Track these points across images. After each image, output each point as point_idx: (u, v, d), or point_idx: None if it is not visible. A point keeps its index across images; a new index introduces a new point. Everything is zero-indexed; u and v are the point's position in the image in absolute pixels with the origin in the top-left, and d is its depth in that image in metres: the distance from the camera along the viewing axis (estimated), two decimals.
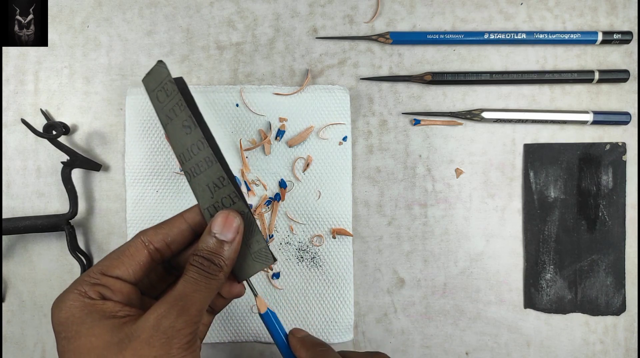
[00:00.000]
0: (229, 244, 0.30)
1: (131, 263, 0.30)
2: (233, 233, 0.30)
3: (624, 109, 0.43)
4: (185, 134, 0.32)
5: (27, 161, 0.42)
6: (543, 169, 0.42)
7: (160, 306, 0.27)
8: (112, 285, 0.29)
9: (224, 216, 0.30)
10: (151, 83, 0.34)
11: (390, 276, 0.42)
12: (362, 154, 0.43)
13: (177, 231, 0.32)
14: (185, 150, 0.32)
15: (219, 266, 0.29)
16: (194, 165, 0.32)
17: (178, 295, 0.28)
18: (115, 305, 0.28)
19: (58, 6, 0.43)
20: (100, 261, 0.30)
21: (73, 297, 0.28)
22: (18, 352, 0.42)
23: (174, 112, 0.32)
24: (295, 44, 0.43)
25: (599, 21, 0.43)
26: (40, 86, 0.43)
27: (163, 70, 0.33)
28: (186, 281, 0.29)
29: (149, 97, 0.34)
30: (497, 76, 0.42)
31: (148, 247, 0.30)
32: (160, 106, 0.33)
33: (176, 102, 0.32)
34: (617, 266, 0.42)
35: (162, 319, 0.27)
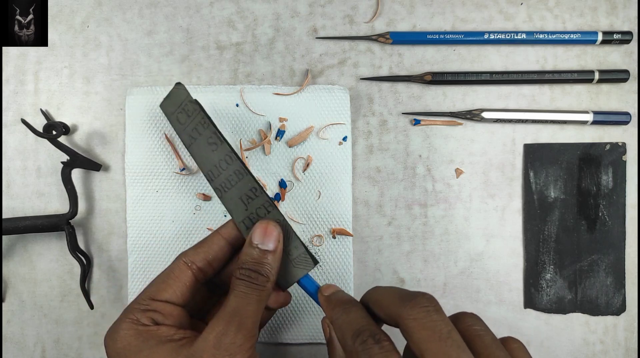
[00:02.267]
0: (272, 253, 0.30)
1: (178, 285, 0.30)
2: (274, 242, 0.30)
3: (624, 109, 0.43)
4: (211, 151, 0.32)
5: (27, 161, 0.43)
6: (543, 169, 0.42)
7: (218, 325, 0.27)
8: (162, 309, 0.29)
9: (263, 227, 0.30)
10: (170, 106, 0.34)
11: (390, 276, 0.42)
12: (362, 154, 0.43)
13: (217, 248, 0.32)
14: (214, 167, 0.32)
15: (266, 276, 0.29)
16: (224, 180, 0.32)
17: (232, 311, 0.28)
18: (170, 329, 0.28)
19: (58, 6, 0.43)
20: (147, 288, 0.30)
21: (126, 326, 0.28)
22: (18, 352, 0.42)
23: (197, 132, 0.33)
24: (295, 44, 0.43)
25: (599, 21, 0.43)
26: (40, 86, 0.43)
27: (182, 92, 0.33)
28: (236, 296, 0.28)
29: (169, 120, 0.34)
30: (497, 76, 0.42)
31: (191, 267, 0.31)
32: (182, 128, 0.33)
33: (199, 121, 0.32)
34: (617, 266, 0.42)
35: (222, 337, 0.27)
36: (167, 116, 0.34)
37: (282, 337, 0.42)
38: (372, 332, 0.25)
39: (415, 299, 0.24)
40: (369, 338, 0.25)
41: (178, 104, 0.33)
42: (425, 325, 0.23)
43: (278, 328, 0.42)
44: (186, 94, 0.33)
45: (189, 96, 0.33)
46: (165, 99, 0.34)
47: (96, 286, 0.43)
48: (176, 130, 0.34)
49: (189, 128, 0.33)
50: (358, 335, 0.25)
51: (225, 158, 0.32)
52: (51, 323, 0.42)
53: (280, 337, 0.42)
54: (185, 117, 0.33)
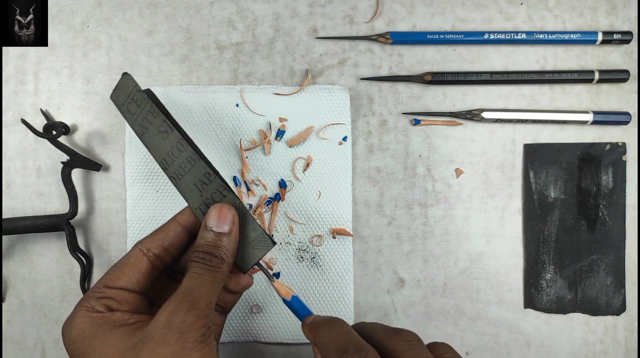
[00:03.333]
0: (227, 235, 0.30)
1: (133, 273, 0.30)
2: (229, 224, 0.30)
3: (624, 109, 0.43)
4: (162, 139, 0.32)
5: (27, 161, 0.43)
6: (543, 169, 0.42)
7: (169, 305, 0.28)
8: (117, 296, 0.29)
9: (217, 210, 0.31)
10: (120, 97, 0.34)
11: (390, 276, 0.42)
12: (362, 154, 0.43)
13: (173, 234, 0.32)
14: (166, 155, 0.32)
15: (221, 258, 0.30)
16: (178, 168, 0.32)
17: (184, 291, 0.28)
18: (124, 314, 0.28)
19: (58, 6, 0.43)
20: (103, 276, 0.30)
21: (81, 314, 0.28)
22: (18, 352, 0.42)
23: (147, 121, 0.32)
24: (295, 44, 0.43)
25: (599, 21, 0.43)
26: (40, 86, 0.43)
27: (129, 81, 0.33)
28: (190, 278, 0.29)
29: (120, 111, 0.34)
30: (497, 76, 0.42)
31: (147, 255, 0.31)
32: (133, 118, 0.33)
33: (148, 110, 0.32)
34: (617, 266, 0.42)
35: (173, 316, 0.27)
36: (117, 107, 0.34)
37: (282, 336, 0.42)
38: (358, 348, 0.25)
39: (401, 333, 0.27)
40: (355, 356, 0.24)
41: (127, 95, 0.33)
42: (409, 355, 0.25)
43: (278, 328, 0.42)
44: (134, 84, 0.33)
45: (137, 85, 0.33)
46: (114, 91, 0.34)
47: None
48: (127, 121, 0.34)
49: (139, 118, 0.33)
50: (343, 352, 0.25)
51: (177, 145, 0.32)
52: (51, 323, 0.42)
53: (280, 336, 0.42)
54: (135, 108, 0.33)
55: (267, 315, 0.42)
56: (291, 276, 0.42)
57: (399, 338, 0.26)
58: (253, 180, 0.42)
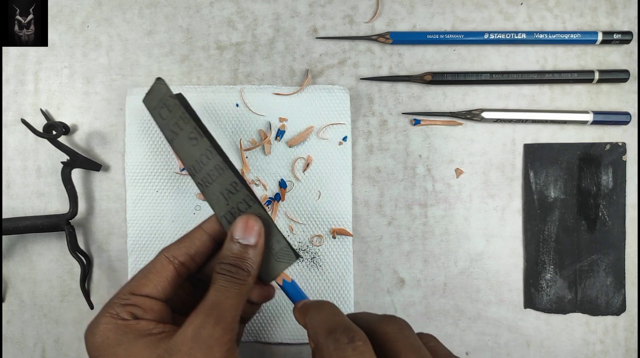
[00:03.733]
0: (253, 248, 0.30)
1: (159, 280, 0.30)
2: (255, 236, 0.30)
3: (624, 109, 0.43)
4: (192, 146, 0.32)
5: (27, 161, 0.43)
6: (543, 169, 0.42)
7: (196, 318, 0.27)
8: (142, 303, 0.29)
9: (244, 221, 0.30)
10: (152, 101, 0.34)
11: (390, 276, 0.42)
12: (362, 154, 0.43)
13: (199, 243, 0.32)
14: (195, 162, 0.32)
15: (247, 271, 0.29)
16: (205, 175, 0.32)
17: (211, 304, 0.28)
18: (149, 323, 0.28)
19: (58, 6, 0.43)
20: (128, 282, 0.30)
21: (105, 320, 0.28)
22: (18, 352, 0.42)
23: (178, 127, 0.33)
24: (295, 44, 0.43)
25: (599, 21, 0.43)
26: (40, 86, 0.43)
27: (162, 87, 0.33)
28: (216, 290, 0.28)
29: (152, 115, 0.34)
30: (497, 76, 0.42)
31: (173, 262, 0.30)
32: (164, 123, 0.33)
33: (180, 116, 0.32)
34: (617, 266, 0.42)
35: (200, 330, 0.26)
36: (149, 111, 0.34)
37: (282, 336, 0.42)
38: (346, 328, 0.25)
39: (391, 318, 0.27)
40: (342, 336, 0.24)
41: (159, 99, 0.33)
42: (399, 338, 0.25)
43: (278, 328, 0.42)
44: (167, 89, 0.33)
45: (170, 91, 0.33)
46: (147, 94, 0.34)
47: (96, 286, 0.43)
48: (159, 125, 0.34)
49: (170, 123, 0.33)
50: (330, 332, 0.25)
51: (206, 153, 0.32)
52: (51, 323, 0.42)
53: (280, 336, 0.42)
54: (166, 113, 0.33)
55: (267, 315, 0.42)
56: (291, 276, 0.42)
57: (388, 321, 0.26)
58: (253, 180, 0.42)
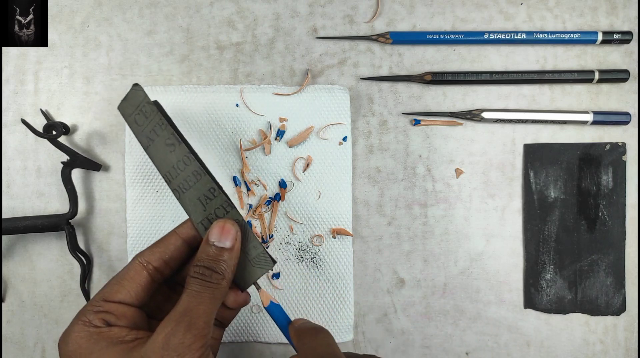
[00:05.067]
0: (228, 251, 0.30)
1: (132, 286, 0.30)
2: (231, 240, 0.30)
3: (624, 109, 0.43)
4: (169, 152, 0.32)
5: (27, 161, 0.43)
6: (543, 169, 0.42)
7: (167, 325, 0.27)
8: (115, 310, 0.29)
9: (221, 225, 0.30)
10: (128, 108, 0.34)
11: (390, 276, 0.42)
12: (362, 154, 0.43)
13: (173, 248, 0.32)
14: (172, 168, 0.32)
15: (221, 273, 0.29)
16: (182, 181, 0.32)
17: (183, 310, 0.28)
18: (122, 330, 0.28)
19: (58, 6, 0.43)
20: (101, 289, 0.30)
21: (78, 328, 0.28)
22: (18, 352, 0.42)
23: (155, 133, 0.32)
24: (295, 44, 0.43)
25: (599, 21, 0.43)
26: (40, 86, 0.43)
27: (139, 93, 0.33)
28: (189, 295, 0.28)
29: (127, 122, 0.34)
30: (497, 76, 0.42)
31: (147, 268, 0.30)
32: (140, 129, 0.33)
33: (157, 123, 0.32)
34: (617, 266, 0.42)
35: (171, 337, 0.26)
36: (124, 118, 0.34)
37: (282, 336, 0.42)
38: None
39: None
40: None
41: (136, 106, 0.33)
42: None
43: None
44: (144, 96, 0.33)
45: (147, 97, 0.33)
46: (122, 101, 0.34)
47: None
48: (134, 132, 0.34)
49: (146, 130, 0.33)
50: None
51: (183, 159, 0.32)
52: (51, 323, 0.42)
53: (280, 336, 0.42)
54: (143, 119, 0.33)
55: (267, 315, 0.42)
56: (291, 276, 0.42)
57: None
58: (253, 180, 0.42)
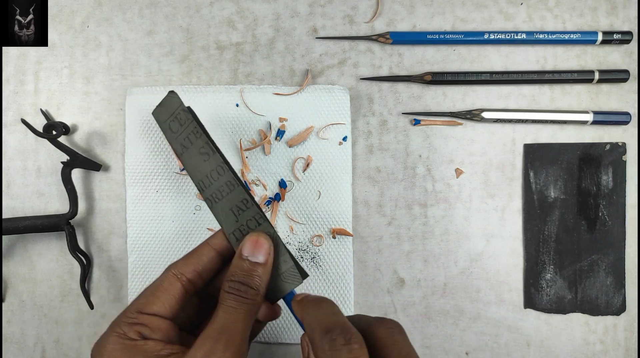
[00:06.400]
0: (262, 266, 0.29)
1: (167, 298, 0.29)
2: (265, 254, 0.30)
3: (624, 109, 0.43)
4: (203, 161, 0.32)
5: (27, 161, 0.43)
6: (543, 169, 0.42)
7: (205, 343, 0.27)
8: (150, 322, 0.28)
9: (254, 239, 0.30)
10: (162, 114, 0.34)
11: (390, 276, 0.42)
12: (362, 154, 0.43)
13: (207, 259, 0.31)
14: (205, 177, 0.32)
15: (256, 289, 0.29)
16: (215, 191, 0.32)
17: (220, 328, 0.27)
18: (157, 344, 0.28)
19: (58, 6, 0.43)
20: (136, 300, 0.29)
21: (113, 340, 0.28)
22: (18, 352, 0.42)
23: (189, 141, 0.32)
24: (295, 44, 0.43)
25: (599, 21, 0.43)
26: (40, 86, 0.43)
27: (175, 100, 0.33)
28: (225, 312, 0.28)
29: (161, 128, 0.34)
30: (497, 76, 0.42)
31: (181, 279, 0.30)
32: (174, 136, 0.33)
33: (191, 131, 0.32)
34: (617, 266, 0.42)
35: (210, 356, 0.26)
36: (159, 124, 0.34)
37: (282, 336, 0.42)
38: (343, 329, 0.25)
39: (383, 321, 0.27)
40: (339, 337, 0.24)
41: (171, 113, 0.33)
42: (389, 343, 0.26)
43: (278, 328, 0.42)
44: (179, 103, 0.33)
45: (182, 104, 0.33)
46: (157, 107, 0.34)
47: (96, 286, 0.43)
48: (168, 138, 0.34)
49: (180, 137, 0.33)
50: (327, 332, 0.25)
51: (217, 169, 0.32)
52: (51, 323, 0.42)
53: (280, 336, 0.42)
54: (177, 126, 0.33)
55: None
56: None
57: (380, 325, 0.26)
58: (253, 180, 0.42)
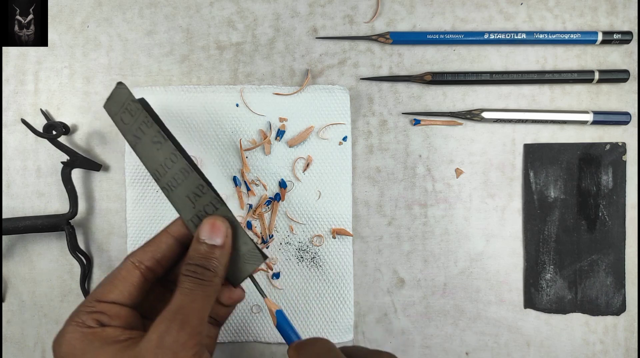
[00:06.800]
0: (220, 248, 0.30)
1: (125, 286, 0.29)
2: (222, 237, 0.30)
3: (624, 109, 0.43)
4: (156, 150, 0.32)
5: (27, 161, 0.43)
6: (543, 169, 0.42)
7: (161, 324, 0.27)
8: (108, 310, 0.29)
9: (211, 223, 0.30)
10: (113, 107, 0.34)
11: (390, 276, 0.42)
12: (362, 154, 0.43)
13: (165, 246, 0.31)
14: (159, 166, 0.32)
15: (213, 271, 0.29)
16: (170, 179, 0.32)
17: (176, 308, 0.28)
18: (116, 330, 0.28)
19: (58, 6, 0.43)
20: (94, 290, 0.30)
21: (71, 329, 0.28)
22: (18, 352, 0.42)
23: (141, 131, 0.32)
24: (295, 44, 0.43)
25: (599, 21, 0.43)
26: (40, 86, 0.43)
27: (124, 91, 0.33)
28: (182, 293, 0.28)
29: (114, 121, 0.34)
30: (497, 76, 0.42)
31: (139, 267, 0.30)
32: (126, 128, 0.33)
33: (142, 121, 0.32)
34: (617, 266, 0.42)
35: (165, 336, 0.26)
36: (111, 117, 0.34)
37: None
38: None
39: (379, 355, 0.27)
40: None
41: (121, 104, 0.33)
42: None
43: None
44: (128, 94, 0.33)
45: (131, 95, 0.33)
46: (107, 100, 0.34)
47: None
48: (121, 130, 0.33)
49: (133, 128, 0.33)
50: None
51: (170, 156, 0.32)
52: (51, 323, 0.42)
53: (280, 337, 0.42)
54: (129, 117, 0.33)
55: (267, 315, 0.42)
56: (291, 276, 0.42)
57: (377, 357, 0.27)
58: (253, 180, 0.42)
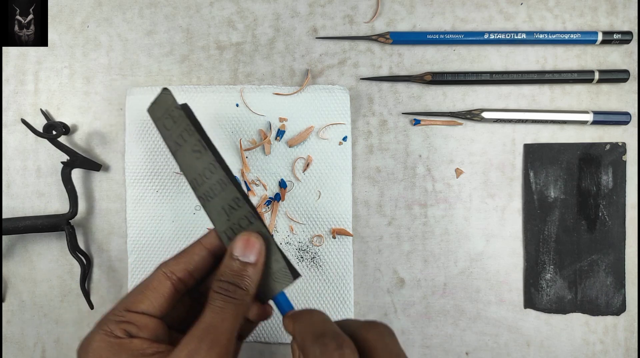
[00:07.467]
0: (252, 266, 0.29)
1: (155, 297, 0.29)
2: (256, 254, 0.29)
3: (624, 109, 0.43)
4: (195, 159, 0.32)
5: (27, 161, 0.43)
6: (543, 169, 0.42)
7: (190, 342, 0.26)
8: (137, 321, 0.28)
9: (245, 239, 0.29)
10: (157, 111, 0.33)
11: (390, 276, 0.42)
12: (362, 154, 0.43)
13: (198, 258, 0.31)
14: (197, 175, 0.32)
15: (245, 289, 0.28)
16: (208, 189, 0.32)
17: (206, 327, 0.27)
18: (143, 342, 0.27)
19: (58, 6, 0.43)
20: (124, 298, 0.29)
21: (99, 338, 0.27)
22: (18, 352, 0.42)
23: (182, 138, 0.32)
24: (295, 44, 0.43)
25: (599, 21, 0.43)
26: (40, 86, 0.43)
27: (169, 97, 0.33)
28: (212, 311, 0.28)
29: (156, 125, 0.33)
30: (497, 76, 0.42)
31: (171, 278, 0.30)
32: (168, 134, 0.33)
33: (184, 128, 0.32)
34: (617, 266, 0.42)
35: (194, 355, 0.26)
36: (154, 121, 0.34)
37: (282, 336, 0.42)
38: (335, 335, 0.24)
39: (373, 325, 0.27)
40: (331, 342, 0.24)
41: (165, 110, 0.33)
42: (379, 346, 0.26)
43: (278, 328, 0.42)
44: (172, 100, 0.33)
45: (176, 101, 0.32)
46: (152, 104, 0.34)
47: (96, 286, 0.43)
48: (162, 136, 0.33)
49: (174, 135, 0.32)
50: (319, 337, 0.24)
51: (209, 167, 0.31)
52: (51, 323, 0.42)
53: (280, 337, 0.42)
54: (171, 124, 0.33)
55: None
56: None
57: (369, 328, 0.26)
58: (253, 180, 0.42)
